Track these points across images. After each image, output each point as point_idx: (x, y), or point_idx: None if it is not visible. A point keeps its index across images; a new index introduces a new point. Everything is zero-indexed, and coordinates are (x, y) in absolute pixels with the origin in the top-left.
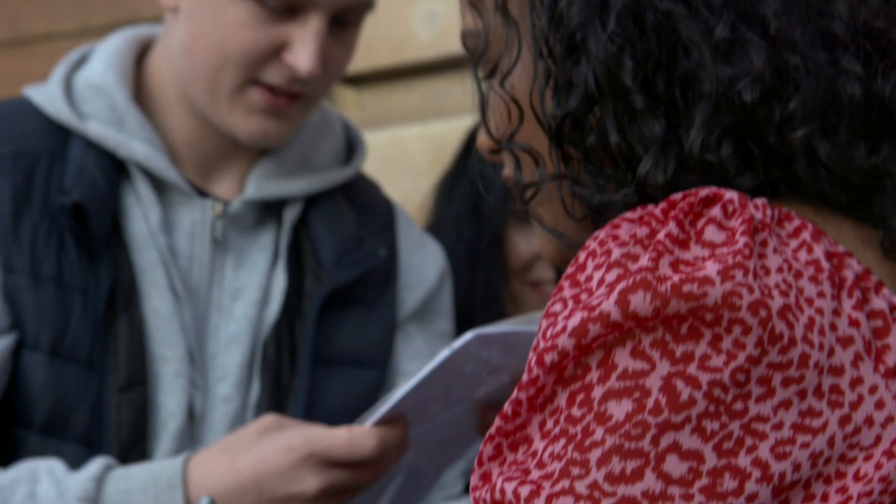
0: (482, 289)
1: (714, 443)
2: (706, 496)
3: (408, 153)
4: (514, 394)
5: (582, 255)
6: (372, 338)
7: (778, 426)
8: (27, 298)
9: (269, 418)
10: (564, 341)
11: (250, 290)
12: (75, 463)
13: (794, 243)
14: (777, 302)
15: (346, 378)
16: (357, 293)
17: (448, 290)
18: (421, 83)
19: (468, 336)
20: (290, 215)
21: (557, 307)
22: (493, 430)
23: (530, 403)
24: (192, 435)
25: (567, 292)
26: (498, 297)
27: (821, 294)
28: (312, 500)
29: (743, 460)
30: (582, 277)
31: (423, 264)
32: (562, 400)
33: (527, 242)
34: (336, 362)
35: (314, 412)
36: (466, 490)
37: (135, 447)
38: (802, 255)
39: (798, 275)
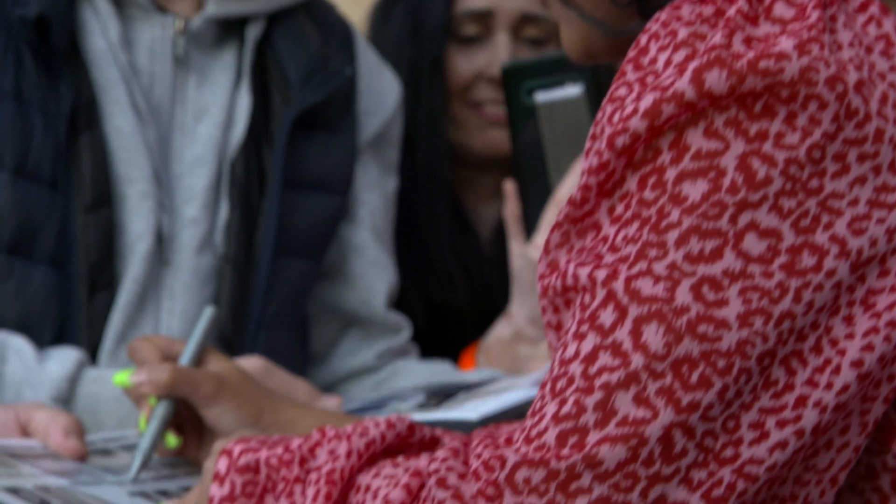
0: (424, 112)
1: (791, 220)
2: (786, 273)
3: None
4: (583, 179)
5: (643, 39)
6: (336, 163)
7: (853, 202)
8: None
9: (259, 364)
10: (636, 123)
11: (214, 110)
12: (44, 285)
13: (861, 18)
14: (852, 76)
15: (313, 202)
16: (321, 116)
17: (401, 119)
18: None
19: None
20: (253, 33)
21: (622, 91)
22: (560, 217)
23: (599, 188)
24: (160, 258)
25: (631, 76)
26: (439, 120)
27: (892, 68)
28: None
29: (820, 237)
30: (645, 60)
31: (382, 90)
32: (632, 184)
33: (467, 62)
34: (304, 186)
35: (284, 235)
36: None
37: (103, 269)
38: (872, 30)
39: (869, 49)
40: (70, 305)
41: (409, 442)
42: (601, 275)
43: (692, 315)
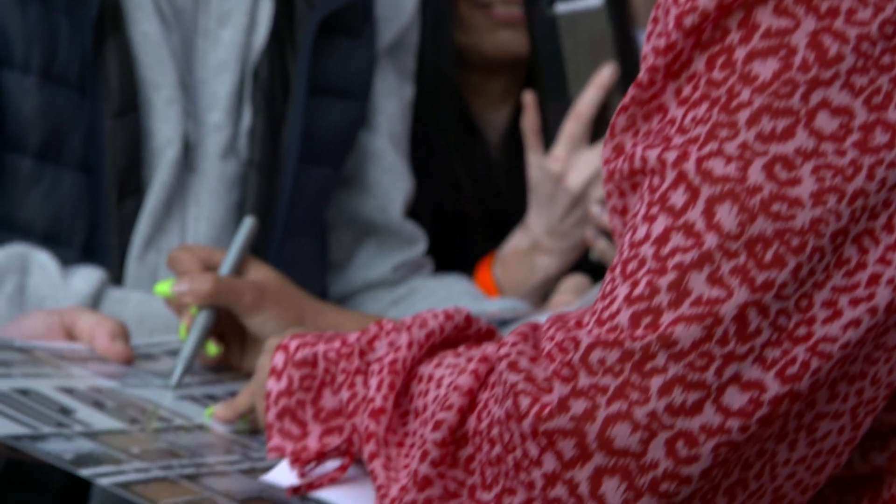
0: (430, 14)
1: (863, 98)
2: (859, 151)
3: None
4: (651, 60)
5: None
6: (356, 69)
7: None
8: (14, 18)
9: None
10: (705, 2)
11: (237, 14)
12: (73, 190)
13: None
14: None
15: (335, 108)
16: (342, 22)
17: (417, 26)
18: None
19: None
20: None
21: None
22: (625, 100)
23: (666, 70)
24: (186, 164)
25: None
26: (446, 21)
27: None
28: None
29: (893, 114)
30: None
31: None
32: (700, 64)
33: None
34: (326, 92)
35: (308, 141)
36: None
37: (131, 175)
38: None
39: None
40: (99, 211)
41: (466, 334)
42: (671, 156)
43: (765, 194)
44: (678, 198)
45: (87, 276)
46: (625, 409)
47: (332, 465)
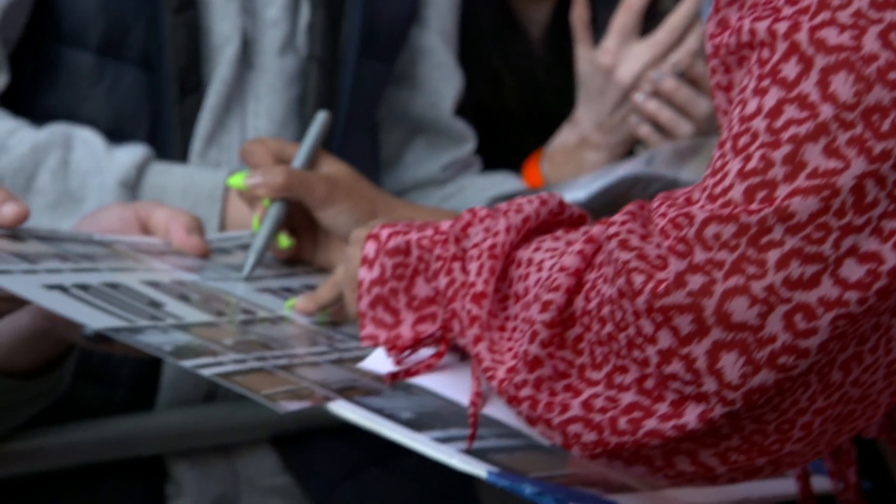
0: None
1: None
2: None
3: None
4: None
5: None
6: None
7: None
8: None
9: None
10: None
11: None
12: (135, 86)
13: None
14: None
15: (392, 2)
16: None
17: None
18: None
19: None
20: None
21: None
22: None
23: None
24: (245, 60)
25: None
26: None
27: None
28: None
29: None
30: None
31: None
32: None
33: None
34: None
35: (367, 36)
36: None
37: (192, 71)
38: None
39: None
40: (161, 107)
41: (559, 219)
42: (781, 27)
43: (881, 62)
44: (790, 69)
45: (132, 150)
46: (742, 284)
47: (425, 352)
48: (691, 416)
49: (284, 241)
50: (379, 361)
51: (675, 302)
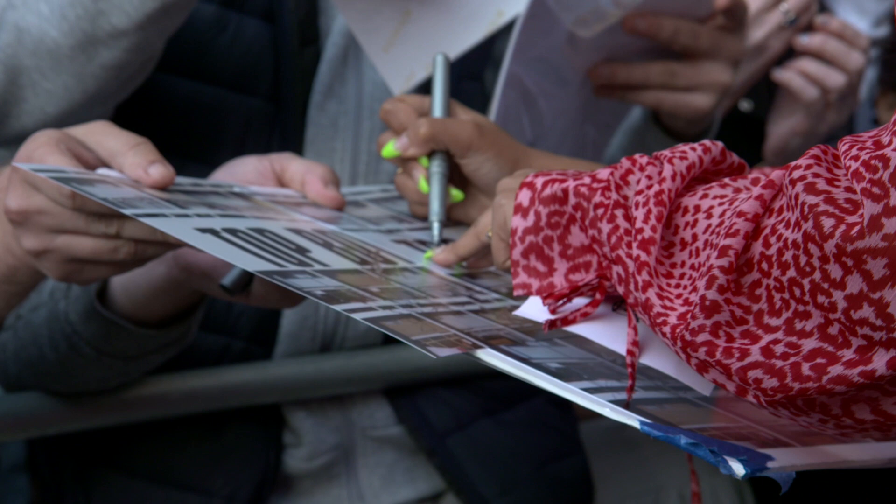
0: None
1: None
2: None
3: None
4: None
5: None
6: None
7: None
8: None
9: None
10: None
11: None
12: (257, 38)
13: None
14: None
15: None
16: None
17: None
18: None
19: None
20: None
21: None
22: None
23: None
24: None
25: None
26: None
27: None
28: None
29: None
30: None
31: None
32: None
33: None
34: None
35: None
36: None
37: (311, 23)
38: None
39: None
40: (282, 58)
41: (720, 167)
42: None
43: None
44: None
45: None
46: None
47: (578, 301)
48: (880, 362)
49: (458, 194)
50: (534, 309)
51: (868, 245)
